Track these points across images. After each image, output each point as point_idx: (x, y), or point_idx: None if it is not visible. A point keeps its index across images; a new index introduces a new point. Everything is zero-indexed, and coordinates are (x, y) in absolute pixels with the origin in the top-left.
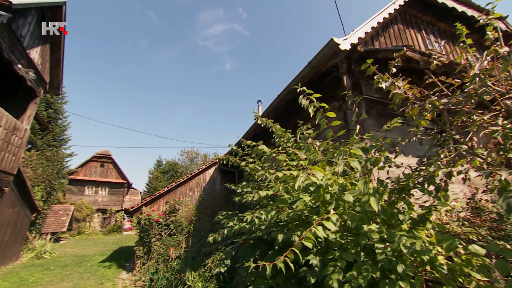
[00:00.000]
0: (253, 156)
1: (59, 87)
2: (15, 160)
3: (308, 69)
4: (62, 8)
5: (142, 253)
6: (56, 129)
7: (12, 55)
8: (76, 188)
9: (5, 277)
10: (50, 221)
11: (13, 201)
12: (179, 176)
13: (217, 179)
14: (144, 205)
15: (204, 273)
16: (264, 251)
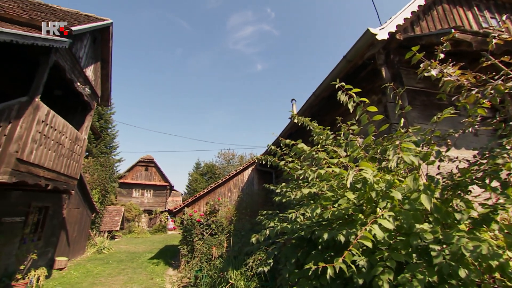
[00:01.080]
0: (292, 155)
1: (108, 100)
2: (77, 167)
3: (343, 63)
4: (109, 28)
5: (186, 252)
6: (107, 138)
7: (72, 74)
8: (125, 190)
9: (75, 268)
10: (106, 221)
11: (78, 202)
12: (217, 177)
13: (255, 180)
14: (186, 206)
15: (246, 272)
16: (306, 251)
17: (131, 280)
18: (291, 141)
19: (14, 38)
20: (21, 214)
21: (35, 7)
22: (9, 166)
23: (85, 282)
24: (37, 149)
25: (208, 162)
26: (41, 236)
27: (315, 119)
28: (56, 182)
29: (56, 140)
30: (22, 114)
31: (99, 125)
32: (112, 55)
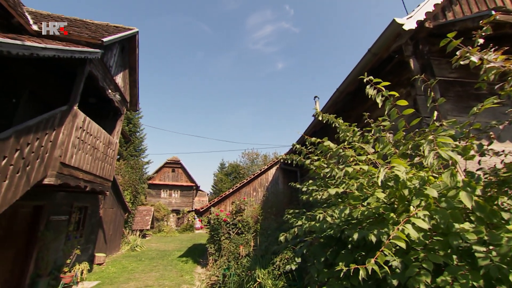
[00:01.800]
0: (317, 153)
1: (136, 104)
2: (111, 169)
3: (368, 57)
4: (136, 37)
5: (213, 250)
6: (136, 141)
7: (104, 82)
8: (154, 191)
9: (112, 264)
10: (137, 220)
11: (112, 203)
12: (242, 177)
13: (279, 179)
14: (212, 206)
15: (273, 271)
16: (335, 250)
17: (163, 277)
18: (316, 139)
19: (56, 53)
20: (65, 213)
21: (72, 23)
22: (55, 169)
23: (122, 277)
24: (76, 153)
25: (233, 162)
26: (82, 234)
27: (339, 116)
28: (93, 184)
29: (92, 144)
30: (63, 121)
31: (128, 129)
32: (138, 62)
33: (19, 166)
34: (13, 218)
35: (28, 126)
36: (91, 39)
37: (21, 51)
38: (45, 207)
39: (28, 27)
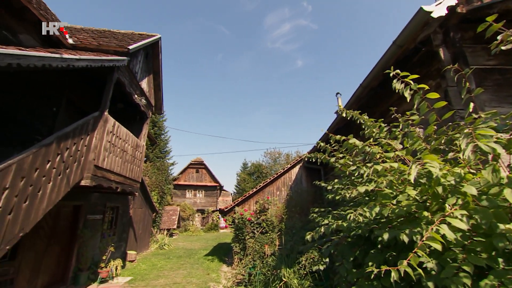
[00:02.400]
0: (342, 151)
1: (161, 108)
2: (139, 171)
3: (393, 49)
4: (158, 43)
5: (238, 249)
6: (161, 143)
7: (131, 88)
8: (179, 192)
9: (142, 261)
10: (164, 219)
11: (140, 203)
12: (264, 176)
13: (303, 177)
14: (236, 205)
15: (299, 270)
16: (364, 250)
17: (190, 275)
18: (341, 137)
19: (88, 63)
20: (100, 212)
21: (101, 34)
22: (90, 172)
23: (152, 273)
24: (108, 156)
25: (255, 162)
26: (115, 232)
27: (363, 112)
28: (123, 185)
29: (121, 147)
30: (96, 127)
31: (154, 132)
32: (162, 67)
33: (60, 169)
34: (57, 217)
35: (66, 132)
36: (118, 47)
37: (60, 64)
38: (83, 207)
39: (65, 41)
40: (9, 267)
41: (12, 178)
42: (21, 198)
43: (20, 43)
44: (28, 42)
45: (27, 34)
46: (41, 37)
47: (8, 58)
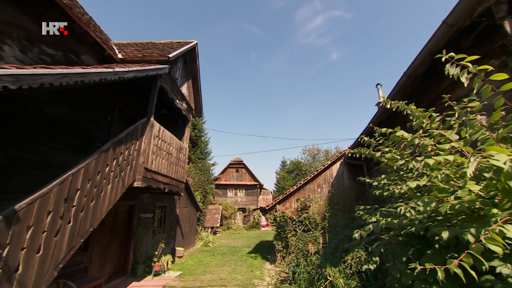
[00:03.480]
0: (388, 144)
1: (201, 111)
2: (183, 172)
3: (443, 29)
4: (195, 48)
5: (281, 247)
6: (201, 145)
7: (172, 94)
8: (221, 191)
9: (190, 257)
10: (208, 218)
11: (186, 202)
12: (304, 174)
13: (344, 174)
14: (277, 203)
15: (345, 269)
16: (419, 249)
17: (235, 271)
18: (387, 130)
19: (135, 73)
20: (150, 211)
21: (144, 46)
22: (141, 174)
23: (199, 269)
24: (155, 159)
25: (294, 160)
26: (164, 230)
27: (409, 102)
28: (170, 186)
29: (167, 150)
30: (144, 132)
31: (194, 135)
32: (199, 71)
33: (117, 172)
34: (115, 215)
35: (120, 138)
36: (159, 57)
37: (113, 77)
38: (136, 206)
39: (115, 56)
40: (83, 257)
41: (82, 181)
42: (89, 198)
43: (82, 63)
44: (87, 61)
45: (87, 55)
46: (97, 56)
47: (75, 77)
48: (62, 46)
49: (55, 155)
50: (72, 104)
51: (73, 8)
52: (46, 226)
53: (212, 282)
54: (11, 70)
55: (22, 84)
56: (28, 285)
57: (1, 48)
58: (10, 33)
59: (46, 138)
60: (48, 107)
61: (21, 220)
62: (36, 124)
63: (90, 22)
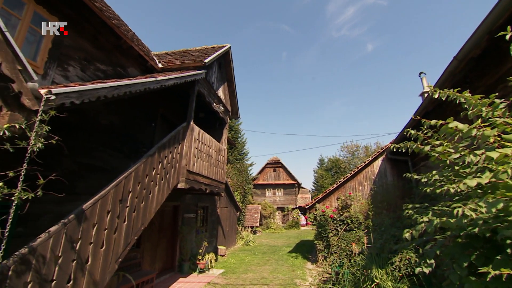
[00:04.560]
0: (438, 137)
1: (237, 113)
2: (223, 173)
3: (505, 2)
4: (229, 52)
5: (322, 247)
6: (239, 146)
7: (209, 97)
8: (259, 191)
9: (231, 256)
10: (247, 218)
11: (226, 202)
12: (343, 171)
13: (387, 170)
14: (317, 202)
15: (393, 272)
16: (483, 254)
17: (276, 270)
18: (437, 121)
19: (175, 80)
20: (193, 211)
21: (181, 54)
22: (184, 176)
23: (241, 268)
24: (197, 161)
25: (332, 157)
26: (206, 229)
27: (462, 90)
28: (211, 187)
29: (207, 152)
30: (185, 136)
31: (231, 136)
32: (234, 74)
33: (162, 174)
34: (162, 215)
35: (163, 143)
36: (196, 63)
37: (155, 85)
38: (180, 207)
39: (156, 66)
40: (136, 253)
41: (133, 183)
42: (139, 199)
43: (128, 75)
44: (133, 73)
45: (132, 67)
46: (140, 67)
47: (124, 88)
48: (111, 61)
49: (110, 160)
50: (121, 113)
51: (120, 27)
52: (106, 224)
53: (254, 281)
54: (76, 87)
55: (84, 99)
56: (96, 275)
57: (67, 69)
58: (73, 56)
59: (102, 145)
60: (102, 117)
61: (88, 218)
62: (94, 133)
63: (134, 37)
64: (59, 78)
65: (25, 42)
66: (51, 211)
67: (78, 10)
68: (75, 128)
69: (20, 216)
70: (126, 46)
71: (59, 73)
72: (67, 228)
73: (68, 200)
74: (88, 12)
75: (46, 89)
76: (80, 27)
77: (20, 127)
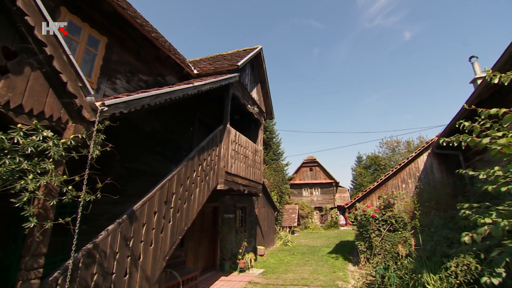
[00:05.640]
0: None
1: (271, 113)
2: (259, 173)
3: None
4: (261, 53)
5: (364, 248)
6: (274, 146)
7: (244, 99)
8: (296, 190)
9: (270, 256)
10: (285, 218)
11: (263, 203)
12: (383, 169)
13: (434, 166)
14: (357, 201)
15: (448, 278)
16: None
17: (316, 271)
18: (499, 110)
19: (210, 85)
20: (232, 212)
21: (214, 59)
22: (222, 177)
23: (280, 268)
24: (234, 163)
25: (370, 154)
26: (245, 229)
27: None
28: (249, 187)
29: (243, 154)
30: (222, 138)
31: (266, 136)
32: (267, 74)
33: (202, 177)
34: (203, 216)
35: (202, 146)
36: (229, 67)
37: (193, 91)
38: (219, 208)
39: (192, 72)
40: (181, 252)
41: (176, 185)
42: (182, 200)
43: (167, 83)
44: (171, 81)
45: (170, 75)
46: (177, 74)
47: (165, 96)
48: (152, 71)
49: (153, 164)
50: (162, 119)
51: (158, 39)
52: (154, 224)
53: (294, 281)
54: (123, 98)
55: (130, 108)
56: (147, 271)
57: (115, 82)
58: (119, 70)
59: (146, 150)
60: (145, 124)
61: (138, 218)
62: (139, 140)
63: (170, 47)
64: (109, 90)
65: (82, 61)
66: (107, 212)
67: (123, 28)
68: (122, 135)
69: (84, 216)
70: (164, 56)
71: (108, 86)
72: (121, 227)
73: (119, 201)
74: (131, 29)
75: (100, 101)
76: (125, 44)
77: (82, 137)
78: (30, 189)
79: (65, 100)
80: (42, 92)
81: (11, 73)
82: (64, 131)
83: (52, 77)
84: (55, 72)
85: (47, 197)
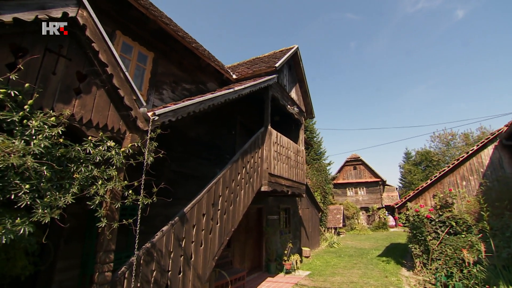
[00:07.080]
0: None
1: (312, 112)
2: (302, 174)
3: None
4: (297, 52)
5: (419, 252)
6: (315, 146)
7: (283, 100)
8: (340, 190)
9: (316, 257)
10: (330, 219)
11: (307, 203)
12: (436, 165)
13: (503, 160)
14: (408, 200)
15: None
16: None
17: (366, 275)
18: None
19: (250, 89)
20: (276, 213)
21: (252, 62)
22: (266, 179)
23: (327, 270)
24: (277, 164)
25: (420, 149)
26: (290, 230)
27: None
28: (292, 188)
29: (285, 155)
30: (264, 140)
31: (307, 136)
32: (305, 73)
33: (246, 179)
34: (247, 217)
35: (245, 149)
36: (267, 69)
37: (233, 96)
38: (264, 209)
39: (231, 78)
40: (228, 252)
41: (222, 188)
42: (228, 203)
43: (208, 90)
44: (212, 87)
45: (211, 82)
46: (218, 80)
47: (208, 102)
48: (194, 80)
49: (199, 168)
50: (206, 124)
51: (198, 49)
52: (203, 225)
53: (343, 285)
54: (171, 107)
55: (178, 116)
56: (199, 270)
57: (161, 93)
58: (165, 81)
59: (192, 155)
60: (190, 130)
61: (188, 220)
62: (185, 145)
63: (210, 55)
64: (157, 101)
65: (134, 76)
66: (161, 214)
67: (166, 42)
68: (170, 142)
69: (142, 217)
70: (204, 64)
71: (156, 97)
72: (174, 228)
73: (171, 204)
74: (174, 41)
75: (151, 111)
76: (169, 56)
77: (138, 145)
78: (101, 193)
79: (122, 113)
80: (105, 107)
81: (82, 93)
82: (123, 140)
83: (112, 93)
84: (114, 89)
85: (113, 200)
